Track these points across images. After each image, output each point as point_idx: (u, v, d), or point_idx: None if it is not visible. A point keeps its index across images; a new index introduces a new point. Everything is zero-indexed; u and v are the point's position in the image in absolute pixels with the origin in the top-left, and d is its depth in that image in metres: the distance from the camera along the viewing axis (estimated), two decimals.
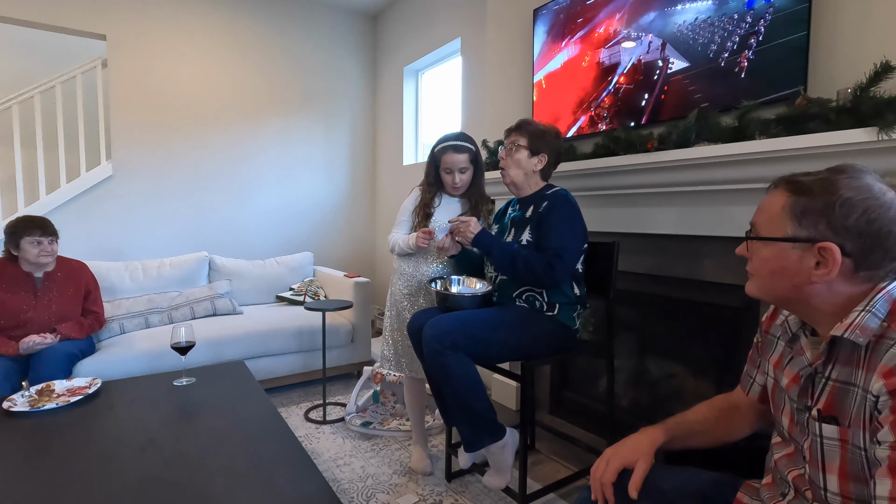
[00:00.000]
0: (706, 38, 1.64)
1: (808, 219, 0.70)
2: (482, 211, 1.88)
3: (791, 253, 0.72)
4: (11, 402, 1.55)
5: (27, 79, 3.61)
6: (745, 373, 0.97)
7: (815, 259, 0.70)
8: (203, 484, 1.12)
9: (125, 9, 3.28)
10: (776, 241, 0.73)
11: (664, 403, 1.99)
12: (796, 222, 0.71)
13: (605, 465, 0.89)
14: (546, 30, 2.23)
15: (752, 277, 0.79)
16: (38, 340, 2.02)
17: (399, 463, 2.01)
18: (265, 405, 1.58)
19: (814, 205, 0.70)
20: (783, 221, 0.73)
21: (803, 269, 0.71)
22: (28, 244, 2.07)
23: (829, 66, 1.41)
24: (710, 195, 1.62)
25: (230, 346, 2.62)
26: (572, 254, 1.54)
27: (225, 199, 3.73)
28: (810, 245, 0.70)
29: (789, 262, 0.72)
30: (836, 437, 0.69)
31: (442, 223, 1.84)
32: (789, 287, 0.73)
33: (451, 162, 1.78)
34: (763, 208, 0.77)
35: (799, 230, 0.71)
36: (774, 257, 0.74)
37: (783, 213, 0.73)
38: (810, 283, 0.71)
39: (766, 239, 0.75)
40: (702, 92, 1.66)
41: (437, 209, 1.87)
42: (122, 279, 2.89)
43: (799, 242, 0.71)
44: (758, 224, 0.78)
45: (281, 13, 3.83)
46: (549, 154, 1.65)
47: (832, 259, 0.68)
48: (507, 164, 1.66)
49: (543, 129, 1.65)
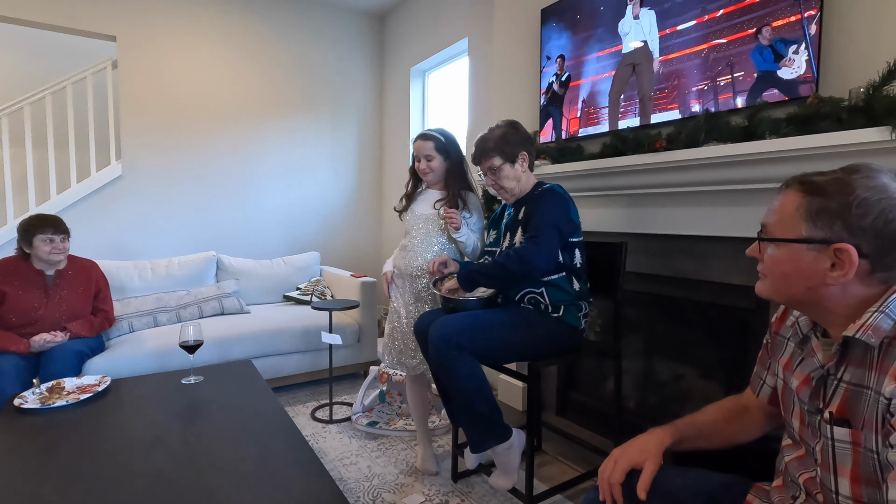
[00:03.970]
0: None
1: (824, 219, 0.69)
2: (461, 200, 1.87)
3: (805, 254, 0.71)
4: (23, 398, 1.56)
5: (39, 79, 3.66)
6: (755, 374, 0.96)
7: (830, 260, 0.69)
8: (211, 481, 1.13)
9: (135, 11, 3.31)
10: (791, 242, 0.72)
11: (672, 405, 1.97)
12: (811, 223, 0.70)
13: (612, 466, 0.89)
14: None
15: (764, 278, 0.78)
16: (49, 338, 2.04)
17: (405, 463, 2.01)
18: (272, 404, 1.59)
19: (829, 205, 0.69)
20: (797, 222, 0.71)
21: (818, 270, 0.70)
22: (40, 242, 2.09)
23: (841, 64, 1.39)
24: (720, 195, 1.61)
25: (237, 345, 2.63)
26: (545, 232, 1.48)
27: (233, 199, 3.75)
28: (826, 246, 0.69)
29: (803, 264, 0.71)
30: (847, 440, 0.68)
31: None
32: (803, 289, 0.72)
33: (417, 148, 1.87)
34: (775, 209, 0.76)
35: (814, 231, 0.70)
36: (788, 259, 0.73)
37: (797, 213, 0.71)
38: (825, 284, 0.69)
39: (780, 240, 0.74)
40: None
41: (418, 199, 1.95)
42: (131, 278, 2.91)
43: (814, 244, 0.70)
44: (770, 225, 0.76)
45: (289, 15, 3.85)
46: (524, 149, 1.63)
47: (849, 261, 0.67)
48: (501, 185, 1.65)
49: (502, 133, 1.63)
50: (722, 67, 1.62)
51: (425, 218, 1.88)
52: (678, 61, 1.75)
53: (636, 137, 1.76)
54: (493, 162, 1.62)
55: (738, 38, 1.57)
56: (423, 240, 1.87)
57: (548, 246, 1.48)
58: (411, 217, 1.91)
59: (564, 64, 2.19)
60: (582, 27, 2.10)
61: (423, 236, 1.87)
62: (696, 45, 1.69)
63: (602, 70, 2.03)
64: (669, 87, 1.78)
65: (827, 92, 1.37)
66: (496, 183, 1.65)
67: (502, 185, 1.64)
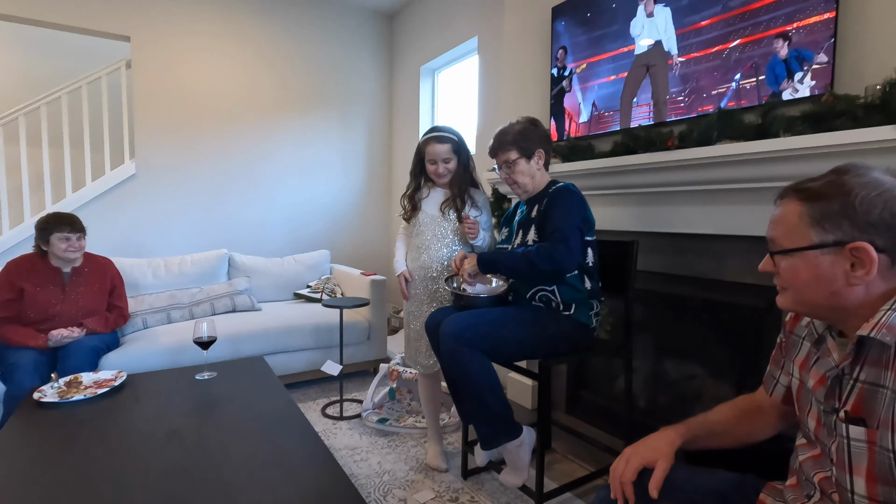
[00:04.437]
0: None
1: (831, 222, 0.69)
2: (469, 199, 1.89)
3: (822, 259, 0.70)
4: (42, 392, 1.60)
5: (55, 80, 3.72)
6: (768, 373, 0.96)
7: (848, 261, 0.68)
8: (226, 474, 1.14)
9: (149, 11, 3.35)
10: (804, 250, 0.72)
11: (683, 405, 1.96)
12: (819, 228, 0.70)
13: (624, 464, 0.89)
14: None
15: (784, 291, 0.77)
16: (66, 334, 2.08)
17: (415, 459, 2.02)
18: (285, 400, 1.61)
19: (832, 207, 0.69)
20: (805, 230, 0.71)
21: (839, 273, 0.69)
22: (57, 240, 2.13)
23: (857, 61, 1.38)
24: (733, 194, 1.60)
25: (249, 342, 2.66)
26: (573, 233, 1.48)
27: (244, 197, 3.79)
28: (841, 248, 0.68)
29: (822, 270, 0.71)
30: (863, 439, 0.68)
31: (427, 236, 1.89)
32: (827, 294, 0.71)
33: (434, 153, 1.83)
34: (778, 221, 0.76)
35: (825, 235, 0.70)
36: (805, 267, 0.72)
37: (802, 221, 0.71)
38: (849, 286, 0.69)
39: (793, 251, 0.73)
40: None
41: (426, 200, 1.92)
42: (145, 275, 2.95)
43: (828, 247, 0.69)
44: (777, 238, 0.76)
45: (299, 15, 3.88)
46: (542, 146, 1.64)
47: (868, 258, 0.67)
48: (514, 179, 1.65)
49: (521, 128, 1.63)
50: (745, 69, 1.59)
51: (438, 219, 1.88)
52: (696, 62, 1.71)
53: (648, 136, 1.75)
54: (510, 155, 1.63)
55: (759, 40, 1.55)
56: (437, 240, 1.87)
57: (577, 248, 1.50)
58: (423, 217, 1.91)
59: (575, 64, 2.19)
60: (593, 26, 2.09)
61: (436, 237, 1.87)
62: (715, 46, 1.66)
63: (613, 71, 2.02)
64: (688, 89, 1.74)
65: (842, 89, 1.36)
66: (509, 177, 1.66)
67: (515, 179, 1.65)
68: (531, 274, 1.52)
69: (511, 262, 1.54)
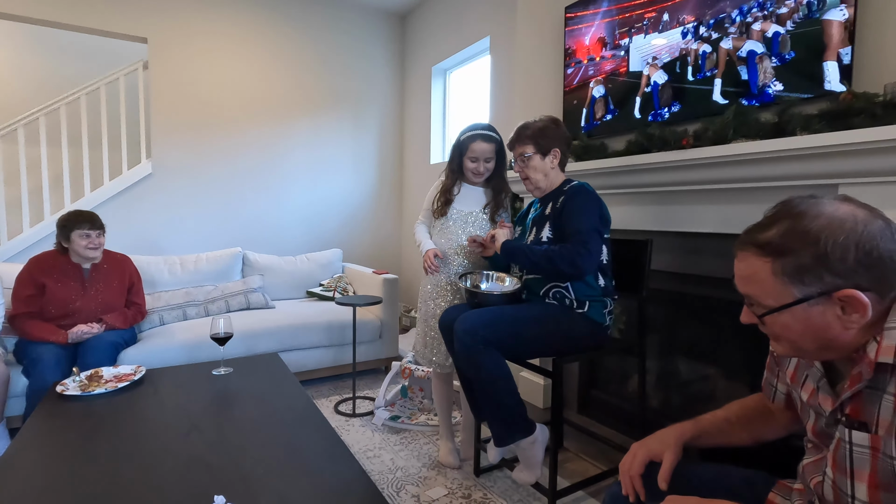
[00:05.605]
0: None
1: (809, 276, 0.66)
2: (504, 200, 1.90)
3: (812, 311, 0.68)
4: (64, 386, 1.63)
5: (74, 81, 3.80)
6: (766, 381, 0.94)
7: (837, 306, 0.66)
8: (245, 467, 1.17)
9: (165, 13, 3.41)
10: (791, 306, 0.69)
11: (696, 404, 1.95)
12: (799, 283, 0.67)
13: (632, 459, 0.90)
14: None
15: (778, 340, 0.75)
16: (86, 329, 2.13)
17: (427, 456, 2.03)
18: (300, 395, 1.63)
19: (803, 261, 0.66)
20: (784, 286, 0.68)
21: (831, 319, 0.67)
22: (78, 237, 2.17)
23: (876, 59, 1.36)
24: (748, 193, 1.59)
25: (263, 339, 2.69)
26: (592, 237, 1.49)
27: (258, 196, 3.83)
28: (828, 297, 0.66)
29: (814, 320, 0.68)
30: (866, 445, 0.67)
31: (457, 227, 1.89)
32: (826, 340, 0.69)
33: (479, 150, 1.82)
34: (749, 278, 0.73)
35: (807, 289, 0.67)
36: (796, 321, 0.69)
37: (778, 279, 0.69)
38: (846, 329, 0.67)
39: (780, 309, 0.70)
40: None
41: (458, 197, 1.91)
42: (161, 273, 3.00)
43: (814, 299, 0.67)
44: (756, 296, 0.73)
45: (313, 16, 3.91)
46: (559, 146, 1.64)
47: (859, 303, 0.65)
48: (527, 174, 1.67)
49: (542, 125, 1.64)
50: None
51: (472, 216, 1.89)
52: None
53: (662, 134, 1.75)
54: (526, 150, 1.64)
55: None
56: (465, 235, 1.87)
57: (597, 252, 1.51)
58: (456, 215, 1.90)
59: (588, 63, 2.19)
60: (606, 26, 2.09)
61: (466, 235, 1.87)
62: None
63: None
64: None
65: (861, 87, 1.35)
66: (522, 171, 1.68)
67: (528, 174, 1.66)
68: (550, 272, 1.53)
69: (533, 256, 1.55)
